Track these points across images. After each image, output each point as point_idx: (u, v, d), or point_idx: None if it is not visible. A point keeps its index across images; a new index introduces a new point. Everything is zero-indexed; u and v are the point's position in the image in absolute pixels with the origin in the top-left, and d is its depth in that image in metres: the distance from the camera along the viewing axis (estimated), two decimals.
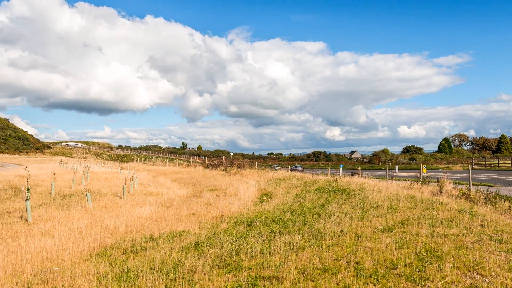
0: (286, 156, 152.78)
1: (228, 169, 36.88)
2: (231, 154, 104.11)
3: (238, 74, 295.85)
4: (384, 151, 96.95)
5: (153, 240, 8.87)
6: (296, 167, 63.70)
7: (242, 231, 9.65)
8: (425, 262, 6.35)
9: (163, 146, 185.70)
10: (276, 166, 62.62)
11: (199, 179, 28.04)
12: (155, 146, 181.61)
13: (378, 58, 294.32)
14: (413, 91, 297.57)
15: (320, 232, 8.96)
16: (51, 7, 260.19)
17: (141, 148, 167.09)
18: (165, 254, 7.54)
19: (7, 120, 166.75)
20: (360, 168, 36.04)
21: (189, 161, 73.55)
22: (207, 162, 45.62)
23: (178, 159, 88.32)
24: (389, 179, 24.44)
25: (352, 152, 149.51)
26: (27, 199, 11.24)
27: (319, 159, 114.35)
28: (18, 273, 6.59)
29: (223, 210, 12.87)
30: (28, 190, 11.48)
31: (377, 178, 23.39)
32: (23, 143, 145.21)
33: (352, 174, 26.57)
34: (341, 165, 49.06)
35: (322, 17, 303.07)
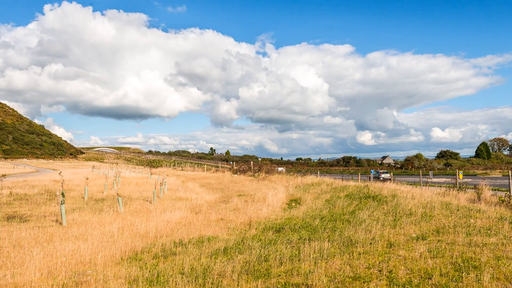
0: (315, 161, 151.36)
1: (256, 174, 36.88)
2: (259, 159, 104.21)
3: (265, 79, 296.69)
4: (418, 156, 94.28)
5: (182, 245, 8.92)
6: (378, 172, 44.72)
7: (270, 237, 9.58)
8: (462, 272, 6.09)
9: (192, 151, 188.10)
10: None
11: (227, 184, 28.15)
12: (184, 151, 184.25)
13: (411, 59, 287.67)
14: (448, 94, 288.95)
15: (351, 240, 8.78)
16: (83, 18, 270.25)
17: (170, 154, 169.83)
18: (194, 259, 7.56)
19: (42, 127, 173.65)
20: (392, 173, 35.10)
21: (218, 166, 74.10)
22: (235, 168, 45.81)
23: (207, 164, 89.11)
24: (423, 185, 23.74)
25: (384, 157, 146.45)
26: (61, 203, 11.59)
27: (349, 165, 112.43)
28: (53, 275, 6.77)
29: (252, 216, 12.83)
30: (62, 194, 11.83)
31: (410, 184, 22.75)
32: (58, 149, 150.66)
33: (384, 180, 25.96)
34: (372, 170, 48.07)
35: (349, 18, 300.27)
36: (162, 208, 14.84)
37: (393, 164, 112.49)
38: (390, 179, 33.35)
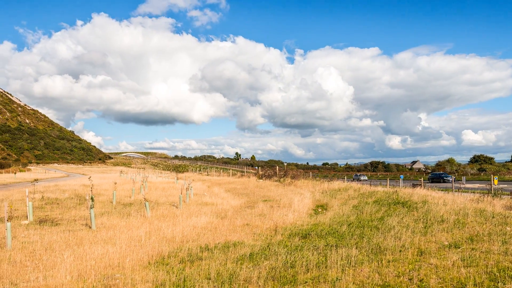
0: (341, 166, 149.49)
1: (281, 179, 36.70)
2: (285, 164, 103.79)
3: (291, 84, 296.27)
4: (450, 161, 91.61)
5: (208, 250, 8.94)
6: (357, 175, 64.47)
7: (297, 243, 9.46)
8: (498, 282, 5.82)
9: (217, 156, 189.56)
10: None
11: (253, 189, 28.13)
12: (209, 156, 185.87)
13: (441, 60, 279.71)
14: (482, 96, 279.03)
15: (379, 247, 8.58)
16: (111, 28, 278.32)
17: (196, 159, 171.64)
18: (220, 265, 7.55)
19: (72, 132, 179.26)
20: (422, 179, 34.19)
21: (243, 171, 74.29)
22: (260, 173, 45.77)
23: (232, 169, 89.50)
24: (455, 191, 22.98)
25: (414, 162, 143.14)
26: (91, 208, 11.85)
27: (377, 170, 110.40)
28: (83, 278, 6.90)
29: (277, 222, 12.73)
30: (92, 199, 12.10)
31: (442, 190, 22.07)
32: (87, 154, 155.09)
33: (414, 186, 25.29)
34: (401, 176, 46.95)
35: (374, 20, 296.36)
36: (188, 213, 14.95)
37: (423, 169, 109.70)
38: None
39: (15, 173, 64.84)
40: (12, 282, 6.74)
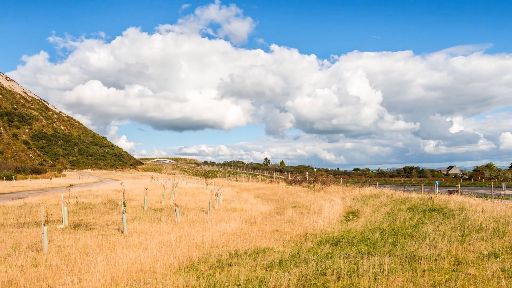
0: (373, 172, 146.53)
1: (311, 185, 36.34)
2: (315, 169, 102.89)
3: (321, 89, 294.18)
4: (489, 166, 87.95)
5: (238, 256, 8.91)
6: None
7: (327, 250, 9.30)
8: None
9: (246, 162, 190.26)
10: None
11: (282, 195, 27.97)
12: (238, 162, 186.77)
13: (479, 60, 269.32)
14: None
15: (414, 255, 8.32)
16: (141, 38, 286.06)
17: (225, 164, 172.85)
18: (250, 271, 7.51)
19: (105, 138, 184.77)
20: (459, 185, 32.98)
21: (272, 177, 74.14)
22: (290, 178, 45.49)
23: (261, 175, 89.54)
24: (495, 198, 21.99)
25: (450, 168, 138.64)
26: (123, 213, 12.09)
27: (410, 175, 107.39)
28: (116, 282, 7.03)
29: (307, 228, 12.57)
30: (124, 204, 12.34)
31: (480, 197, 21.21)
32: (119, 160, 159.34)
33: (450, 192, 24.42)
34: (436, 181, 45.51)
35: (407, 21, 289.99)
36: (217, 219, 15.01)
37: (460, 175, 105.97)
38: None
39: (51, 179, 67.48)
40: (49, 284, 6.95)
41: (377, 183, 45.62)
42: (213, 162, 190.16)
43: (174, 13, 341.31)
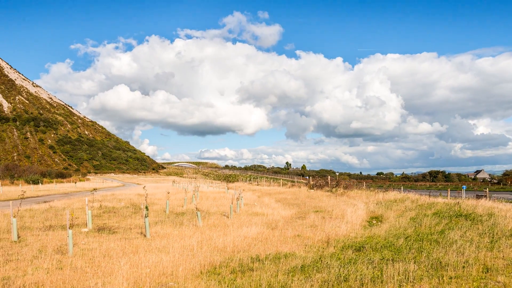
0: (397, 176, 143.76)
1: (333, 189, 35.95)
2: (337, 173, 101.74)
3: (343, 92, 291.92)
4: None
5: (259, 260, 8.86)
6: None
7: (350, 256, 9.13)
8: None
9: (267, 166, 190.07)
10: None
11: (304, 199, 27.76)
12: (259, 166, 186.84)
13: (506, 59, 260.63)
14: None
15: (440, 262, 8.09)
16: (163, 44, 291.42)
17: (246, 168, 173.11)
18: (272, 276, 7.44)
19: (128, 143, 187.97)
20: (487, 189, 31.98)
21: (293, 181, 73.84)
22: (311, 182, 45.14)
23: (282, 179, 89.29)
24: None
25: (477, 172, 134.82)
26: (145, 217, 12.21)
27: (436, 180, 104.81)
28: (139, 285, 7.10)
29: (330, 233, 12.40)
30: (146, 208, 12.48)
31: (510, 202, 20.49)
32: (141, 164, 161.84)
33: (478, 197, 23.70)
34: (463, 186, 44.24)
35: (430, 23, 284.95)
36: (239, 223, 14.99)
37: (488, 179, 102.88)
38: None
39: (75, 183, 69.09)
40: (74, 287, 7.07)
41: (401, 187, 44.77)
42: (234, 166, 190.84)
43: (198, 19, 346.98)
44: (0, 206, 23.31)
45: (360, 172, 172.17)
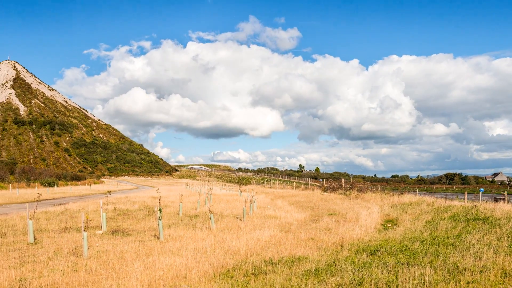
0: (412, 178, 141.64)
1: (347, 192, 35.66)
2: (351, 176, 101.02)
3: (357, 94, 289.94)
4: None
5: (272, 264, 8.81)
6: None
7: (364, 259, 9.02)
8: None
9: (281, 168, 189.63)
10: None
11: (317, 202, 27.59)
12: (272, 168, 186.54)
13: None
14: None
15: (457, 266, 7.94)
16: (177, 48, 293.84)
17: (259, 171, 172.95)
18: (285, 279, 7.39)
19: (141, 145, 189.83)
20: (506, 192, 31.35)
21: (307, 184, 73.50)
22: (325, 185, 44.87)
23: (296, 182, 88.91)
24: None
25: (495, 174, 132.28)
26: (159, 219, 12.27)
27: (453, 182, 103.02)
28: (152, 287, 7.12)
29: (344, 237, 12.28)
30: (160, 211, 12.53)
31: None
32: (155, 167, 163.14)
33: (496, 200, 23.23)
34: (481, 189, 43.42)
35: (445, 24, 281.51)
36: (252, 226, 14.96)
37: (507, 182, 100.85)
38: None
39: (90, 185, 70.08)
40: None
41: (417, 190, 44.18)
42: (247, 169, 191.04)
43: (213, 22, 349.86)
44: (17, 208, 23.74)
45: (375, 175, 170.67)
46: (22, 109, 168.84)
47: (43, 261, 9.11)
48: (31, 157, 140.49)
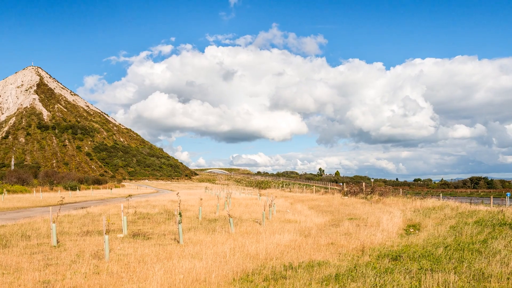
0: (436, 182, 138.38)
1: (368, 196, 35.15)
2: (372, 180, 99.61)
3: (377, 97, 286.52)
4: None
5: (292, 268, 8.74)
6: None
7: (386, 265, 8.85)
8: None
9: (300, 172, 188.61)
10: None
11: (337, 207, 27.29)
12: (292, 172, 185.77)
13: None
14: None
15: (483, 273, 7.71)
16: (196, 54, 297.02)
17: (278, 175, 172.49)
18: (305, 285, 7.32)
19: (161, 150, 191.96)
20: None
21: (326, 188, 72.80)
22: (345, 189, 44.37)
23: (315, 186, 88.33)
24: None
25: None
26: (179, 223, 12.35)
27: (478, 186, 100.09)
28: None
29: (365, 241, 12.08)
30: (180, 214, 12.62)
31: None
32: (175, 170, 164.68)
33: None
34: (508, 193, 42.04)
35: (471, 25, 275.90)
36: (271, 230, 14.89)
37: None
38: None
39: (111, 189, 71.23)
40: None
41: (440, 194, 43.10)
42: (266, 173, 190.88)
43: (234, 28, 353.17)
44: (40, 211, 24.32)
45: (396, 179, 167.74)
46: (45, 114, 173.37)
47: (65, 264, 9.27)
48: (54, 161, 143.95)
